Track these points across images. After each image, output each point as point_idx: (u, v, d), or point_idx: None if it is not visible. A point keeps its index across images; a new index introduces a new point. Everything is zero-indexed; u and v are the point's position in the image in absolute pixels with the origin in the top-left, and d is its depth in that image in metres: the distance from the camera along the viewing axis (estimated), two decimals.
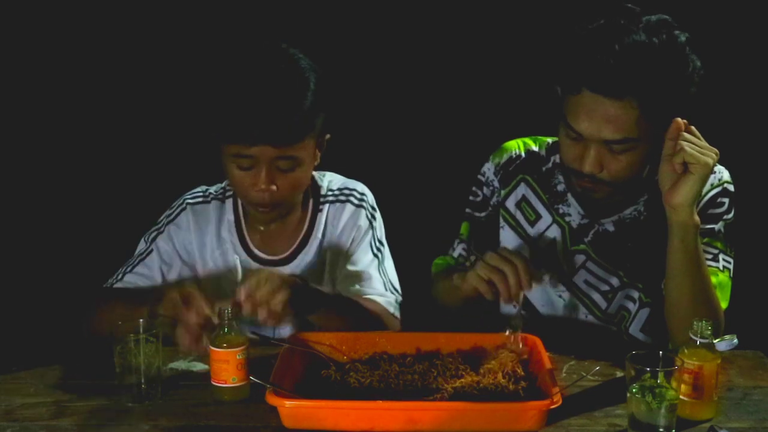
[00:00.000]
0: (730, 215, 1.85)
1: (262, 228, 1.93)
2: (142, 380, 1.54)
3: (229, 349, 1.52)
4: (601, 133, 1.67)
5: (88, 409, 1.52)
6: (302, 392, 1.50)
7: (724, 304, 1.80)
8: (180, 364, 1.68)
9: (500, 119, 2.86)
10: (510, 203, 1.97)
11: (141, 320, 1.58)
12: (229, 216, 1.95)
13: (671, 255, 1.72)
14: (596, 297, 1.92)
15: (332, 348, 1.70)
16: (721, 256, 1.82)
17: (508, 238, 1.98)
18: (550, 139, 1.99)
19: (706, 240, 1.81)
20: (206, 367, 1.61)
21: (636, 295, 1.90)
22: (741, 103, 2.93)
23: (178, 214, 1.96)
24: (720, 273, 1.81)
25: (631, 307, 1.91)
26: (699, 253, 1.72)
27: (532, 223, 1.95)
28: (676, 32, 1.65)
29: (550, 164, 1.96)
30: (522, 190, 1.96)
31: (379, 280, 1.92)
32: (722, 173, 1.86)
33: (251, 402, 1.53)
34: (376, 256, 1.94)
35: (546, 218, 1.94)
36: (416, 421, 1.42)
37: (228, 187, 1.97)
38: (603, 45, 1.62)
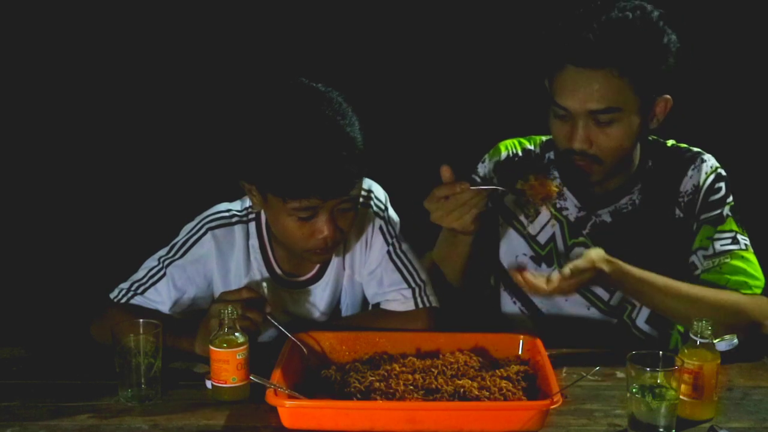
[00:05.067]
0: (730, 198, 1.87)
1: (285, 251, 1.85)
2: (142, 380, 1.54)
3: (229, 349, 1.52)
4: (586, 104, 1.73)
5: (88, 409, 1.52)
6: (302, 392, 1.50)
7: (759, 282, 1.81)
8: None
9: (498, 118, 2.87)
10: (509, 201, 1.99)
11: (141, 320, 1.58)
12: (253, 241, 1.86)
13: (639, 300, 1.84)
14: (598, 290, 1.93)
15: (332, 348, 1.70)
16: (739, 237, 1.85)
17: (508, 236, 1.99)
18: (544, 138, 2.02)
19: (718, 228, 1.84)
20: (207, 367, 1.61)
21: None
22: (739, 102, 2.94)
23: (197, 241, 1.83)
24: (744, 252, 1.83)
25: None
26: (645, 278, 1.75)
27: (532, 219, 1.97)
28: (649, 8, 1.75)
29: (545, 161, 1.98)
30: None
31: (397, 275, 1.85)
32: (710, 159, 1.89)
33: (251, 402, 1.53)
34: (389, 252, 1.87)
35: (545, 214, 1.96)
36: (416, 421, 1.42)
37: (251, 209, 1.85)
38: (582, 22, 1.72)
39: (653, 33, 1.72)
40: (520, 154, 2.00)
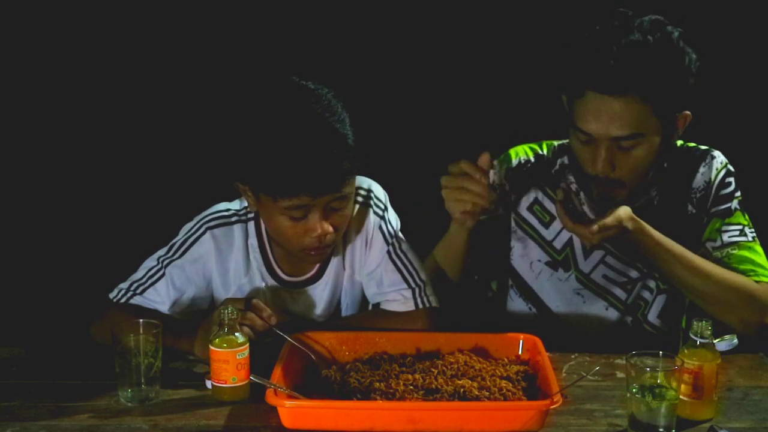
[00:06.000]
0: (739, 193, 1.90)
1: (284, 250, 1.83)
2: (142, 380, 1.54)
3: (229, 349, 1.52)
4: (609, 130, 1.73)
5: (88, 409, 1.52)
6: (302, 392, 1.50)
7: (766, 272, 1.83)
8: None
9: (499, 118, 2.87)
10: (522, 208, 1.99)
11: (141, 320, 1.58)
12: (252, 240, 1.85)
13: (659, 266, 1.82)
14: (616, 290, 1.94)
15: (332, 348, 1.70)
16: (746, 230, 1.87)
17: (522, 242, 1.99)
18: (556, 142, 2.02)
19: (726, 220, 1.87)
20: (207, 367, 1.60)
21: (653, 284, 1.93)
22: (744, 100, 2.94)
23: (196, 241, 1.82)
24: (751, 243, 1.86)
25: (648, 296, 1.94)
26: (668, 246, 1.78)
27: (547, 225, 1.97)
28: (669, 28, 1.73)
29: (557, 166, 1.98)
30: (534, 193, 1.98)
31: (397, 275, 1.84)
32: (719, 156, 1.91)
33: (251, 402, 1.53)
34: (389, 252, 1.85)
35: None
36: (416, 421, 1.42)
37: (250, 209, 1.83)
38: (602, 47, 1.70)
39: (674, 56, 1.71)
40: (532, 160, 2.00)
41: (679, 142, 1.94)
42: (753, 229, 1.88)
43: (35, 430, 1.46)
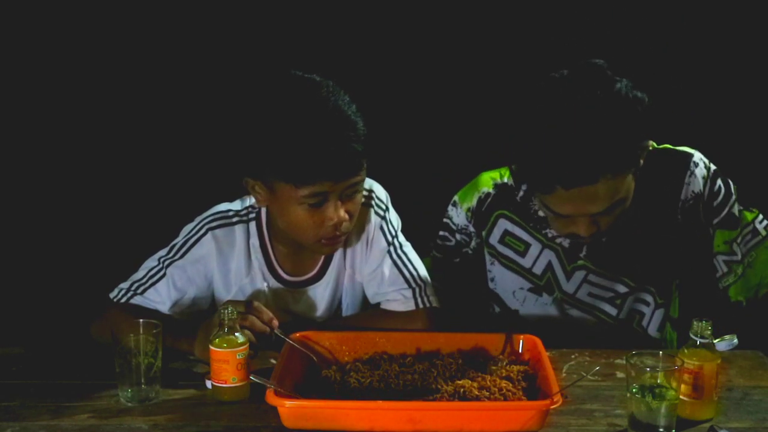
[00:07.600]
0: (732, 193, 1.85)
1: (286, 250, 1.86)
2: (142, 380, 1.54)
3: (229, 349, 1.52)
4: (587, 210, 1.69)
5: (88, 409, 1.52)
6: (302, 392, 1.50)
7: None
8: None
9: (499, 119, 2.86)
10: (494, 241, 1.96)
11: (141, 320, 1.58)
12: (254, 240, 1.85)
13: None
14: (604, 306, 1.92)
15: (332, 348, 1.70)
16: (757, 226, 1.86)
17: (500, 274, 1.97)
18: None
19: (737, 230, 1.84)
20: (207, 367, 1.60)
21: (648, 298, 1.91)
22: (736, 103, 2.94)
23: (197, 242, 1.82)
24: None
25: (645, 309, 1.92)
26: None
27: (522, 254, 1.94)
28: (618, 86, 1.64)
29: (521, 192, 1.93)
30: (503, 225, 1.94)
31: (397, 275, 1.85)
32: (700, 161, 1.84)
33: (251, 402, 1.53)
34: (390, 252, 1.86)
35: (535, 245, 1.93)
36: (416, 421, 1.42)
37: (252, 208, 1.86)
38: (560, 149, 1.61)
39: (629, 118, 1.63)
40: (493, 192, 1.95)
41: (653, 144, 1.84)
42: (759, 215, 1.85)
43: (35, 430, 1.46)
